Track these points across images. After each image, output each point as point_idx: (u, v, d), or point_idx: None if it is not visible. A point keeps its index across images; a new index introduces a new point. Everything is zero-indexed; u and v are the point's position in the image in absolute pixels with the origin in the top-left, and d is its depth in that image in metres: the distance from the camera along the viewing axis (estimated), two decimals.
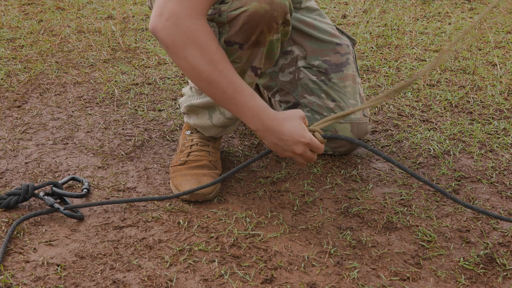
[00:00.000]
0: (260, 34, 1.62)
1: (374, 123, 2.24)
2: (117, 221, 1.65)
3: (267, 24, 1.60)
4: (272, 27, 1.62)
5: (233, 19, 1.60)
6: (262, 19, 1.59)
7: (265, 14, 1.58)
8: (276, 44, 1.68)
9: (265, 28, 1.61)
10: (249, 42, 1.63)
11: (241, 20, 1.59)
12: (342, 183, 1.86)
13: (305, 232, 1.62)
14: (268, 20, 1.59)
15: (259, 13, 1.58)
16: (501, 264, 1.52)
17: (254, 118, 1.59)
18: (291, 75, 2.01)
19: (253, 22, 1.59)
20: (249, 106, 1.58)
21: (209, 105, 1.79)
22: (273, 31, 1.63)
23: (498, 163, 1.97)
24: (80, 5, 3.54)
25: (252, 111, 1.59)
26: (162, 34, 1.53)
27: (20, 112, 2.26)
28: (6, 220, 1.63)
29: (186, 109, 1.86)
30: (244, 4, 1.58)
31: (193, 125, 1.86)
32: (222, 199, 1.76)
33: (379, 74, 2.67)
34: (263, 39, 1.63)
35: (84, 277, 1.43)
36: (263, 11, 1.58)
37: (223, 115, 1.79)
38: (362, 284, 1.44)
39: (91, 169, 1.90)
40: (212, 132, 1.84)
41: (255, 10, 1.57)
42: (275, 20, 1.61)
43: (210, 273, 1.46)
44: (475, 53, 2.91)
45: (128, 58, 2.79)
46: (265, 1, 1.58)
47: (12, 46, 2.89)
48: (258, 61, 1.68)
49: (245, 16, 1.58)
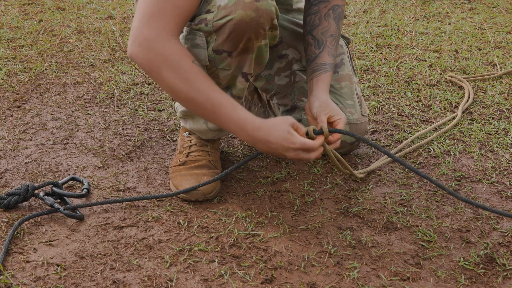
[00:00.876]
0: (247, 41, 1.61)
1: (374, 123, 2.24)
2: (117, 221, 1.65)
3: (254, 31, 1.59)
4: (259, 33, 1.61)
5: (219, 28, 1.59)
6: (248, 27, 1.58)
7: (251, 22, 1.57)
8: (265, 49, 1.68)
9: (252, 35, 1.60)
10: (237, 49, 1.62)
11: (227, 29, 1.58)
12: (342, 183, 1.86)
13: (305, 232, 1.62)
14: (255, 27, 1.58)
15: (245, 21, 1.56)
16: (501, 264, 1.52)
17: (239, 130, 1.57)
18: (287, 78, 2.01)
19: (239, 30, 1.58)
20: (232, 119, 1.56)
21: None
22: (260, 37, 1.62)
23: (498, 163, 1.97)
24: (80, 5, 3.54)
25: (235, 123, 1.56)
26: (138, 59, 1.55)
27: (20, 112, 2.26)
28: (6, 220, 1.63)
29: (182, 114, 1.86)
30: (230, 12, 1.57)
31: (190, 129, 1.86)
32: (222, 199, 1.76)
33: (379, 74, 2.67)
34: (251, 45, 1.63)
35: (84, 277, 1.43)
36: (249, 18, 1.56)
37: None
38: (362, 284, 1.44)
39: (91, 169, 1.90)
40: (209, 136, 1.84)
41: (240, 18, 1.56)
42: (262, 27, 1.60)
43: (210, 273, 1.46)
44: (475, 53, 2.91)
45: (128, 58, 2.79)
46: (251, 8, 1.56)
47: (12, 46, 2.89)
48: (247, 67, 1.68)
49: (231, 25, 1.57)
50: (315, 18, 1.88)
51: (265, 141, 1.56)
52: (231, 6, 1.57)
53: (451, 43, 3.04)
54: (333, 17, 1.88)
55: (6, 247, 1.51)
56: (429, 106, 2.37)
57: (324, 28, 1.86)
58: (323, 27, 1.86)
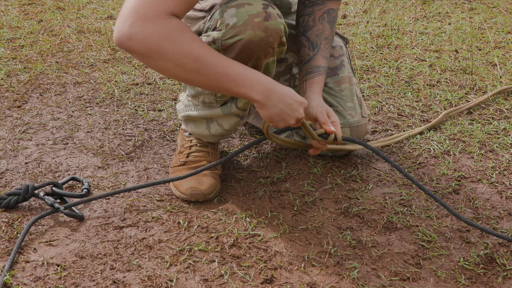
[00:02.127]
0: (256, 60, 1.60)
1: (374, 123, 2.24)
2: (117, 221, 1.65)
3: (263, 51, 1.58)
4: (268, 52, 1.60)
5: (228, 47, 1.57)
6: (257, 47, 1.56)
7: (261, 42, 1.56)
8: (272, 65, 1.68)
9: (261, 54, 1.59)
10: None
11: (236, 49, 1.56)
12: (342, 183, 1.86)
13: (305, 232, 1.62)
14: (264, 47, 1.57)
15: (254, 41, 1.55)
16: (501, 264, 1.52)
17: (255, 85, 1.51)
18: (286, 82, 2.01)
19: (249, 51, 1.57)
20: (247, 75, 1.50)
21: (206, 117, 1.78)
22: (269, 55, 1.62)
23: (498, 163, 1.97)
24: (80, 5, 3.54)
25: (251, 79, 1.50)
26: (132, 42, 1.41)
27: (20, 112, 2.26)
28: (6, 220, 1.63)
29: (183, 118, 1.85)
30: (239, 32, 1.55)
31: (191, 133, 1.85)
32: (222, 199, 1.76)
33: (379, 74, 2.67)
34: (259, 64, 1.62)
35: (84, 277, 1.43)
36: (258, 39, 1.55)
37: (221, 127, 1.79)
38: (362, 284, 1.44)
39: (91, 169, 1.90)
40: (211, 140, 1.84)
41: (250, 38, 1.55)
42: (271, 46, 1.59)
43: (210, 273, 1.46)
44: (475, 53, 2.91)
45: (128, 58, 2.79)
46: (260, 28, 1.55)
47: (12, 46, 2.89)
48: None
49: (240, 45, 1.56)
50: (308, 20, 1.87)
51: (281, 93, 1.53)
52: (240, 26, 1.54)
53: (451, 43, 3.04)
54: (328, 20, 1.87)
55: (17, 246, 1.52)
56: (429, 106, 2.37)
57: (318, 30, 1.86)
58: (318, 29, 1.86)
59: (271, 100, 1.53)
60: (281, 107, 1.54)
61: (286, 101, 1.54)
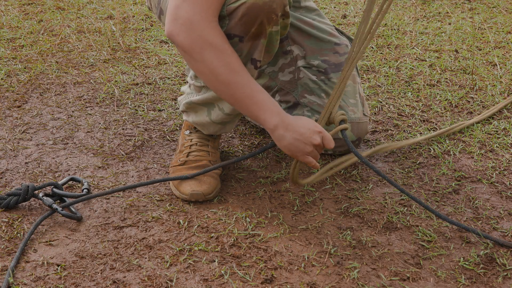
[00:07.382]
0: (260, 26, 1.63)
1: (374, 123, 2.24)
2: (117, 221, 1.65)
3: (266, 15, 1.61)
4: (271, 18, 1.63)
5: (232, 12, 1.61)
6: (261, 11, 1.60)
7: (264, 6, 1.60)
8: (276, 37, 1.69)
9: (265, 19, 1.62)
10: (249, 34, 1.63)
11: (240, 12, 1.60)
12: (342, 183, 1.86)
13: (305, 232, 1.62)
14: (267, 11, 1.61)
15: (258, 5, 1.59)
16: (501, 264, 1.52)
17: (274, 116, 1.63)
18: (291, 74, 2.01)
19: (252, 14, 1.60)
20: (269, 104, 1.63)
21: (208, 101, 1.80)
22: (272, 23, 1.64)
23: (498, 163, 1.97)
24: (80, 5, 3.54)
25: (272, 109, 1.63)
26: (179, 38, 1.57)
27: (20, 112, 2.26)
28: (6, 220, 1.63)
29: (185, 107, 1.86)
30: None
31: (192, 123, 1.86)
32: (222, 199, 1.76)
33: (379, 74, 2.67)
34: (263, 30, 1.64)
35: (84, 277, 1.43)
36: (262, 2, 1.59)
37: (222, 111, 1.80)
38: (362, 284, 1.44)
39: (91, 169, 1.90)
40: (211, 130, 1.84)
41: (254, 1, 1.59)
42: (274, 12, 1.62)
43: (210, 273, 1.46)
44: (475, 53, 2.91)
45: (128, 58, 2.79)
46: None
47: (12, 46, 2.89)
48: (258, 53, 1.69)
49: (244, 8, 1.60)
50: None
51: (295, 125, 1.63)
52: None
53: (451, 43, 3.04)
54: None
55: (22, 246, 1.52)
56: (429, 106, 2.37)
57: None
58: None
59: (285, 131, 1.63)
60: (295, 136, 1.63)
61: (299, 130, 1.63)
